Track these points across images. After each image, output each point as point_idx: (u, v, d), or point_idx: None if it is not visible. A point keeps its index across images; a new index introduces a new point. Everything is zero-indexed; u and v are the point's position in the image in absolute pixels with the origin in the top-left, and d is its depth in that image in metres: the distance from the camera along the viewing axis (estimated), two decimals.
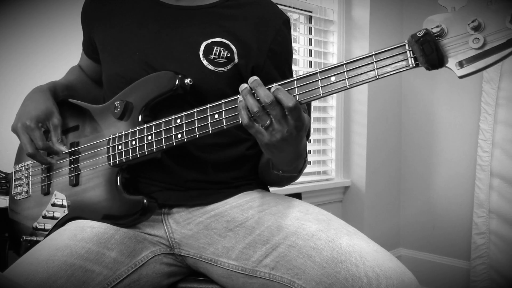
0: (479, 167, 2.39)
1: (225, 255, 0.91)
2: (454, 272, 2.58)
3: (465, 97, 2.54)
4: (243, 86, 0.78)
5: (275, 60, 1.00)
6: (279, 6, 1.10)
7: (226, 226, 0.93)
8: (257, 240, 0.88)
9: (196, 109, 0.85)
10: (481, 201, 2.38)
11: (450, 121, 2.62)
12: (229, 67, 0.96)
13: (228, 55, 0.96)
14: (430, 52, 0.67)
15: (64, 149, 1.00)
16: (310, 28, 2.55)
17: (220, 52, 0.95)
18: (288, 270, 0.82)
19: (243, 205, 0.95)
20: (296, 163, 0.88)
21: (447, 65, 0.68)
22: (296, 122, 0.75)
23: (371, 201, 2.64)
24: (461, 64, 0.67)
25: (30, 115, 0.98)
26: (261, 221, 0.90)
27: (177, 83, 0.90)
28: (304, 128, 0.77)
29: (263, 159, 1.01)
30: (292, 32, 1.07)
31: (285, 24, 1.02)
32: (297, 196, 2.24)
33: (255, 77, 0.77)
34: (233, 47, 0.96)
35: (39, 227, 1.02)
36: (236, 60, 0.97)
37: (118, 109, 0.95)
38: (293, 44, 1.09)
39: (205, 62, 0.95)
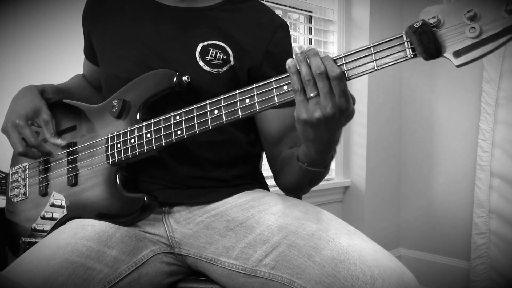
0: (479, 167, 2.39)
1: (225, 254, 0.90)
2: (454, 272, 2.58)
3: (465, 97, 2.54)
4: (299, 50, 0.75)
5: (273, 61, 1.00)
6: (279, 6, 1.10)
7: (226, 225, 0.93)
8: (257, 240, 0.88)
9: (195, 106, 0.86)
10: (481, 201, 2.38)
11: (450, 121, 2.62)
12: (225, 68, 0.97)
13: (224, 57, 0.96)
14: (427, 42, 0.68)
15: (60, 141, 1.00)
16: (310, 28, 2.56)
17: (216, 54, 0.96)
18: (288, 269, 0.82)
19: (243, 205, 0.95)
20: (326, 154, 0.84)
21: (444, 54, 0.69)
22: (341, 100, 0.73)
23: (371, 201, 2.64)
24: (458, 54, 0.67)
25: (19, 113, 0.98)
26: (261, 221, 0.90)
27: (175, 80, 0.91)
28: (348, 112, 0.75)
29: (286, 154, 0.98)
30: (292, 32, 1.08)
31: (282, 27, 1.03)
32: (297, 196, 2.23)
33: (311, 46, 0.75)
34: (229, 49, 0.97)
35: (37, 228, 1.01)
36: (232, 62, 0.97)
37: (116, 108, 0.95)
38: (294, 44, 1.09)
39: (201, 63, 0.96)
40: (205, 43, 0.96)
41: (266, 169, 1.08)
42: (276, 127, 1.00)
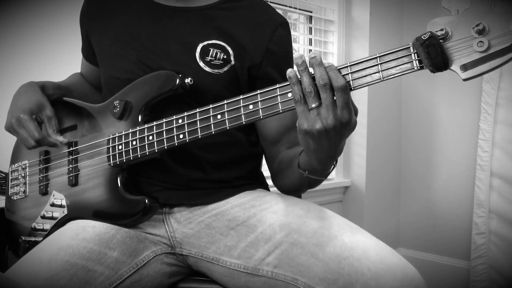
0: (479, 167, 2.39)
1: (227, 253, 0.90)
2: (454, 272, 2.58)
3: (465, 97, 2.54)
4: (300, 60, 0.73)
5: (273, 60, 0.99)
6: (280, 6, 1.09)
7: (228, 225, 0.93)
8: (259, 238, 0.87)
9: (198, 110, 0.85)
10: (481, 201, 2.38)
11: (450, 121, 2.62)
12: (225, 69, 0.96)
13: (225, 57, 0.96)
14: (435, 55, 0.67)
15: (62, 139, 1.00)
16: (310, 28, 2.55)
17: (216, 54, 0.95)
18: (291, 267, 0.82)
19: (244, 204, 0.95)
20: (327, 165, 0.84)
21: (451, 68, 0.68)
22: (343, 112, 0.72)
23: (371, 201, 2.64)
24: (465, 67, 0.67)
25: (23, 108, 0.98)
26: (263, 220, 0.90)
27: (177, 82, 0.90)
28: (350, 125, 0.74)
29: (285, 156, 0.98)
30: (292, 32, 1.07)
31: (282, 25, 1.02)
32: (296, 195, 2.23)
33: (316, 53, 0.73)
34: (229, 49, 0.96)
35: (37, 227, 1.01)
36: (233, 62, 0.96)
37: (118, 109, 0.94)
38: (293, 44, 1.09)
39: (201, 64, 0.95)
40: (205, 43, 0.96)
41: (266, 169, 1.07)
42: (274, 127, 1.00)
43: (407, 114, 2.80)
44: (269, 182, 1.10)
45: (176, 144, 0.87)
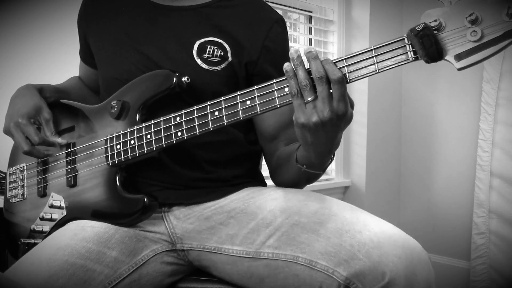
0: (479, 167, 2.39)
1: (229, 241, 0.90)
2: (454, 272, 2.58)
3: (465, 97, 2.54)
4: (295, 54, 0.74)
5: (270, 57, 0.99)
6: (280, 6, 1.10)
7: (228, 215, 0.93)
8: (260, 224, 0.88)
9: (195, 107, 0.85)
10: (481, 201, 2.38)
11: (450, 121, 2.62)
12: (223, 65, 0.96)
13: (222, 54, 0.96)
14: (429, 46, 0.69)
15: (60, 140, 1.00)
16: (310, 28, 2.55)
17: (213, 51, 0.96)
18: (292, 246, 0.82)
19: (243, 197, 0.95)
20: (324, 158, 0.85)
21: (446, 58, 0.69)
22: (339, 104, 0.73)
23: (371, 201, 2.64)
24: (459, 57, 0.68)
25: (21, 112, 0.98)
26: (262, 206, 0.90)
27: (174, 81, 0.90)
28: (346, 117, 0.75)
29: (283, 152, 0.98)
30: (292, 32, 1.07)
31: (278, 22, 1.02)
32: None
33: (311, 48, 0.74)
34: (226, 45, 0.97)
35: (36, 229, 1.01)
36: (230, 59, 0.97)
37: (115, 109, 0.94)
38: (294, 44, 1.09)
39: (199, 61, 0.95)
40: (202, 40, 0.96)
41: (265, 169, 1.07)
42: (272, 124, 1.00)
43: (407, 114, 2.80)
44: (269, 182, 1.10)
45: (174, 141, 0.87)
